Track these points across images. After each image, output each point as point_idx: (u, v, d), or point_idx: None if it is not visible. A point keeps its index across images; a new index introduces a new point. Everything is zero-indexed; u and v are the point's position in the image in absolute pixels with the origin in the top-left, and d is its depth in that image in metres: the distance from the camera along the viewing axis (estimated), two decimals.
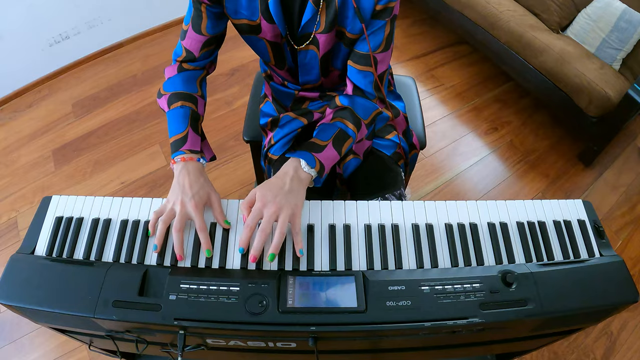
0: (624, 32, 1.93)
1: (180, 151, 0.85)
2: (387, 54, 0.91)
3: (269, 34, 0.89)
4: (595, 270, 0.74)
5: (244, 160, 2.02)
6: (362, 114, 0.91)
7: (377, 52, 0.88)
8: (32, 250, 0.76)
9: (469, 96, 2.35)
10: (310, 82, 1.01)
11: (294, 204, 0.77)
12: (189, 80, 0.94)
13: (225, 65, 2.41)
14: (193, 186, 0.79)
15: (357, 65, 0.90)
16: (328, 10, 0.84)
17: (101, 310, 0.66)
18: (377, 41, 0.87)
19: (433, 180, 1.99)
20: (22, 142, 2.13)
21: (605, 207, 1.94)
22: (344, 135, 0.88)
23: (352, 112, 0.90)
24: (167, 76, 0.95)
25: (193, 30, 0.90)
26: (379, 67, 0.90)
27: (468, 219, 0.80)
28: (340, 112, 0.91)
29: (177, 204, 0.77)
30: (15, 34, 2.11)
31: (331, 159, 0.86)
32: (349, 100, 0.92)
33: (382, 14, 0.84)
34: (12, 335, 1.53)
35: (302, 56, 0.93)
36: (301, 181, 0.80)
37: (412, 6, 2.86)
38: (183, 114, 0.88)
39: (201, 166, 0.85)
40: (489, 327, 0.68)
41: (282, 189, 0.77)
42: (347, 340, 0.71)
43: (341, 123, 0.89)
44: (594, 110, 1.85)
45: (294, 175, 0.80)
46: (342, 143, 0.88)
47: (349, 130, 0.89)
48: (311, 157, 0.82)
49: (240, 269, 0.73)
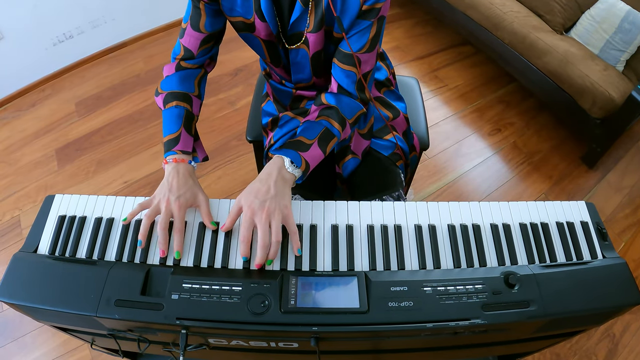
0: (628, 33, 1.92)
1: (172, 151, 0.86)
2: (371, 54, 0.89)
3: (263, 33, 0.90)
4: (598, 272, 0.73)
5: (247, 160, 2.02)
6: (348, 114, 0.91)
7: (361, 52, 0.87)
8: (34, 249, 0.76)
9: (472, 97, 2.35)
10: (303, 80, 1.01)
11: (283, 205, 0.76)
12: (186, 79, 0.94)
13: (229, 65, 2.41)
14: (181, 187, 0.80)
15: (341, 64, 0.89)
16: (317, 10, 0.84)
17: (103, 309, 0.66)
18: (362, 41, 0.86)
19: (436, 181, 1.98)
20: (26, 141, 2.13)
21: (609, 209, 1.93)
22: (329, 135, 0.87)
23: (338, 111, 0.89)
24: (165, 74, 0.95)
25: (192, 28, 0.91)
26: (363, 66, 0.89)
27: (471, 220, 0.80)
28: (327, 111, 0.90)
29: (163, 202, 0.78)
30: (20, 33, 2.12)
31: (316, 158, 0.85)
32: (336, 99, 0.91)
33: (368, 14, 0.83)
34: (14, 333, 1.54)
35: (294, 55, 0.94)
36: (285, 181, 0.80)
37: (416, 7, 2.86)
38: (177, 114, 0.89)
39: (191, 168, 0.86)
40: (491, 328, 0.67)
41: (268, 194, 0.76)
42: (349, 340, 0.71)
43: (327, 122, 0.88)
44: (597, 111, 1.85)
45: (278, 177, 0.79)
46: (327, 142, 0.87)
47: (334, 130, 0.88)
48: (297, 155, 0.82)
49: (242, 269, 0.73)
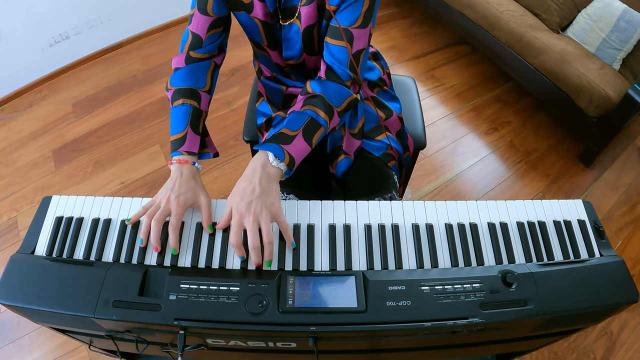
0: (624, 32, 1.93)
1: (178, 152, 0.85)
2: (364, 31, 0.86)
3: (260, 12, 0.89)
4: (595, 270, 0.74)
5: (244, 160, 2.02)
6: (335, 101, 0.87)
7: (352, 26, 0.84)
8: (32, 250, 0.76)
9: (469, 96, 2.35)
10: (293, 57, 0.98)
11: (270, 203, 0.75)
12: (198, 72, 0.92)
13: (226, 65, 2.41)
14: (182, 186, 0.80)
15: (332, 40, 0.87)
16: None
17: (101, 310, 0.66)
18: (354, 15, 0.84)
19: (433, 180, 1.99)
20: (23, 142, 2.13)
21: (606, 207, 1.94)
22: (315, 125, 0.84)
23: (323, 99, 0.86)
24: (174, 66, 0.93)
25: (199, 12, 0.90)
26: (355, 43, 0.86)
27: (468, 219, 0.80)
28: (311, 100, 0.86)
29: (163, 200, 0.78)
30: (16, 34, 2.11)
31: (301, 151, 0.82)
32: (321, 86, 0.87)
33: None
34: (12, 335, 1.53)
35: (286, 31, 0.92)
36: (271, 177, 0.77)
37: (413, 6, 2.86)
38: (184, 112, 0.88)
39: (195, 169, 0.85)
40: (489, 327, 0.68)
41: (254, 194, 0.74)
42: (347, 340, 0.71)
43: (312, 111, 0.84)
44: (594, 110, 1.85)
45: (262, 174, 0.77)
46: (313, 133, 0.84)
47: (320, 119, 0.85)
48: (279, 149, 0.79)
49: (240, 269, 0.73)
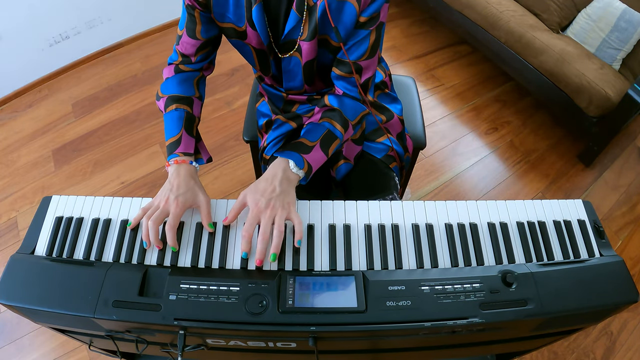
0: (624, 32, 1.92)
1: (174, 154, 0.86)
2: (372, 60, 0.90)
3: (254, 41, 0.90)
4: (595, 270, 0.74)
5: (243, 160, 2.02)
6: (351, 115, 0.92)
7: (361, 60, 0.88)
8: (32, 250, 0.76)
9: (469, 96, 2.35)
10: (295, 88, 1.01)
11: (287, 202, 0.78)
12: (185, 81, 0.94)
13: (226, 65, 2.41)
14: (181, 187, 0.80)
15: (341, 72, 0.90)
16: (310, 18, 0.83)
17: (101, 310, 0.66)
18: (362, 50, 0.87)
19: (433, 180, 1.99)
20: (22, 142, 2.13)
21: (606, 207, 1.94)
22: (331, 137, 0.89)
23: (340, 113, 0.90)
24: (165, 76, 0.95)
25: (188, 35, 0.91)
26: (364, 73, 0.90)
27: (468, 219, 0.80)
28: (329, 113, 0.91)
29: (162, 201, 0.78)
30: (15, 34, 2.11)
31: (318, 160, 0.87)
32: (338, 101, 0.92)
33: (366, 24, 0.83)
34: (12, 335, 1.53)
35: (286, 63, 0.94)
36: (290, 182, 0.82)
37: (412, 6, 2.86)
38: (177, 116, 0.90)
39: (193, 169, 0.86)
40: (489, 327, 0.68)
41: (274, 192, 0.79)
42: (347, 340, 0.71)
43: (329, 124, 0.89)
44: (594, 110, 1.85)
45: (283, 177, 0.81)
46: (330, 144, 0.88)
47: (337, 132, 0.89)
48: (300, 158, 0.83)
49: (240, 269, 0.73)
